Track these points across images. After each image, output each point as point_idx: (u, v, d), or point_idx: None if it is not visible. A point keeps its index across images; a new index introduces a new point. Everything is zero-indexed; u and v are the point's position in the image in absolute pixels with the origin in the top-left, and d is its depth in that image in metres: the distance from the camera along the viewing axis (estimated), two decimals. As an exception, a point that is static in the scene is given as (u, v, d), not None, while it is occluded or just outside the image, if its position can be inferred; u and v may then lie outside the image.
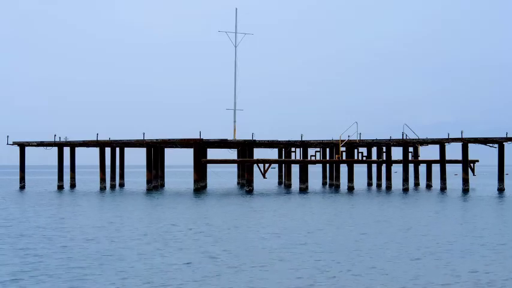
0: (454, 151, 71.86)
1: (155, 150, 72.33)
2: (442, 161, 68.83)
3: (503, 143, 64.11)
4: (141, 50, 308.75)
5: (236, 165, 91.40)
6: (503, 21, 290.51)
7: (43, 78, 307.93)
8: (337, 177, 72.28)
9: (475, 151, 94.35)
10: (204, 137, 65.22)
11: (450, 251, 23.39)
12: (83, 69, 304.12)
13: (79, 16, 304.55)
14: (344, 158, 68.60)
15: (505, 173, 67.70)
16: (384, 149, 71.50)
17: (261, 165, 63.91)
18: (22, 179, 77.24)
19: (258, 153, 78.51)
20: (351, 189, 67.83)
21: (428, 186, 73.83)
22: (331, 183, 76.21)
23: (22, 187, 76.71)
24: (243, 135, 75.75)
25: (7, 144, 73.83)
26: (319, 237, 27.33)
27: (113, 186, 74.61)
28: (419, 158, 74.64)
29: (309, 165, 72.78)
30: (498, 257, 21.81)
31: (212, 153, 79.58)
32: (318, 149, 77.86)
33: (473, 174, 75.63)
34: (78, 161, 76.27)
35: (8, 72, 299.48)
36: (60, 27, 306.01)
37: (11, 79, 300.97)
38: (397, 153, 73.88)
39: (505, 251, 23.36)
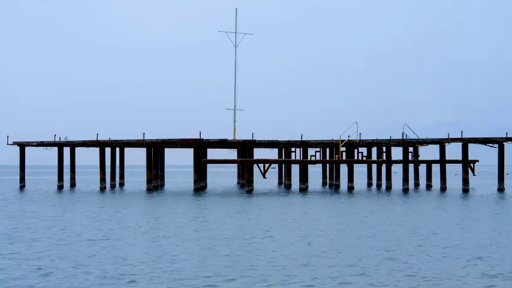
0: (454, 151, 71.94)
1: (155, 150, 72.37)
2: (442, 161, 68.86)
3: (503, 143, 64.14)
4: (141, 50, 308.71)
5: (236, 165, 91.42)
6: (504, 21, 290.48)
7: (43, 78, 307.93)
8: (337, 177, 72.27)
9: (475, 151, 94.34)
10: (204, 137, 65.28)
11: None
12: (83, 70, 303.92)
13: (79, 17, 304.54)
14: (344, 158, 68.62)
15: (505, 173, 67.72)
16: (384, 149, 71.51)
17: (261, 165, 63.93)
18: (22, 179, 77.33)
19: (258, 153, 78.58)
20: (350, 189, 67.83)
21: (428, 186, 73.84)
22: (331, 183, 76.21)
23: (22, 187, 76.80)
24: (243, 135, 75.87)
25: (7, 144, 73.93)
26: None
27: (113, 186, 74.65)
28: (419, 158, 74.64)
29: (309, 165, 72.78)
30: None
31: (212, 153, 79.59)
32: (318, 149, 77.86)
33: (473, 174, 75.65)
34: (78, 161, 76.31)
35: (8, 72, 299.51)
36: (61, 27, 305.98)
37: (11, 79, 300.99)
38: (397, 153, 73.93)
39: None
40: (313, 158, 73.22)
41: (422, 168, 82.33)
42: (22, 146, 74.41)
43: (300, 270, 19.43)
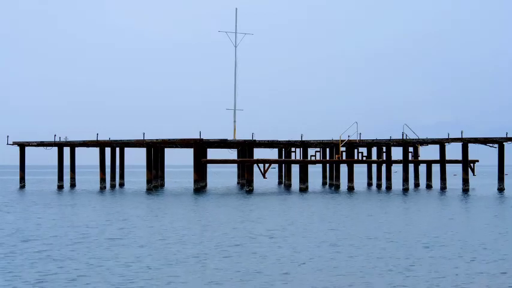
0: (454, 151, 71.94)
1: (155, 150, 72.37)
2: (442, 161, 68.85)
3: (503, 143, 64.13)
4: (141, 50, 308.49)
5: (236, 165, 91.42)
6: (504, 21, 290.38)
7: (43, 78, 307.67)
8: (337, 177, 72.25)
9: (475, 151, 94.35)
10: (204, 137, 65.28)
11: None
12: (83, 70, 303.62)
13: (79, 18, 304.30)
14: (344, 158, 68.61)
15: (505, 173, 67.71)
16: (384, 149, 71.51)
17: (261, 165, 63.92)
18: (22, 179, 77.35)
19: (258, 153, 78.56)
20: (350, 189, 67.82)
21: (428, 186, 73.81)
22: (331, 183, 76.20)
23: (22, 187, 76.82)
24: (243, 135, 75.87)
25: (7, 144, 73.95)
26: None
27: (113, 186, 74.66)
28: (419, 158, 74.63)
29: (309, 165, 72.78)
30: None
31: (212, 153, 79.58)
32: (318, 149, 77.86)
33: (473, 174, 75.63)
34: (78, 161, 76.29)
35: (8, 72, 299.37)
36: (61, 27, 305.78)
37: (11, 79, 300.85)
38: (397, 153, 73.90)
39: None
40: (313, 158, 73.22)
41: (422, 168, 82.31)
42: (22, 146, 74.41)
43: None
